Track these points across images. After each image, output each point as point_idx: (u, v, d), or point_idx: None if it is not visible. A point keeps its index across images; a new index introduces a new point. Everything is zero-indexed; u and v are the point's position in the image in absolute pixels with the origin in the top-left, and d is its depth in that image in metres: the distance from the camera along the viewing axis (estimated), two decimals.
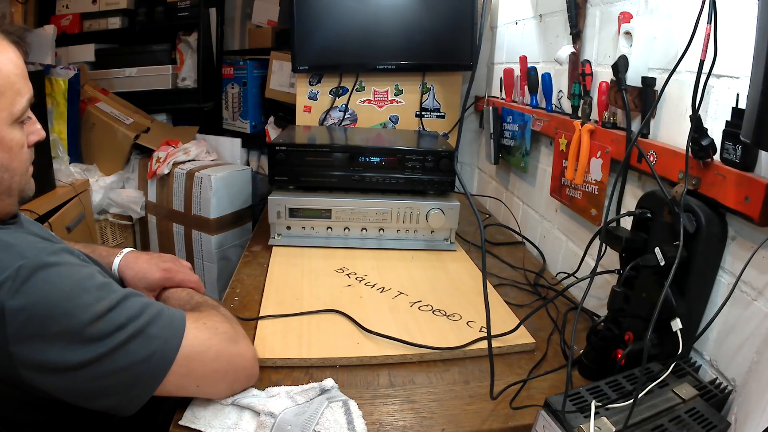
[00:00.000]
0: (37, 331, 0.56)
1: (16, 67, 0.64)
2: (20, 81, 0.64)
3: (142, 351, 0.60)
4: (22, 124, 0.66)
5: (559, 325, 0.97)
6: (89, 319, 0.58)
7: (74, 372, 0.57)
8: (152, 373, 0.61)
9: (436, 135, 1.61)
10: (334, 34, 1.65)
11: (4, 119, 0.63)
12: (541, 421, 0.63)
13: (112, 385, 0.60)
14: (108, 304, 0.60)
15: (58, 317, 0.56)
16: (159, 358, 0.61)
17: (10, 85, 0.63)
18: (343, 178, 1.26)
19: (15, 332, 0.55)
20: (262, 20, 2.24)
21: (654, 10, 0.90)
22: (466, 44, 1.67)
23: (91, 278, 0.61)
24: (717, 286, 0.75)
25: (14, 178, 0.66)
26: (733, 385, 0.70)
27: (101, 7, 2.28)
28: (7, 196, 0.67)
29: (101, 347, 0.58)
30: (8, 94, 0.62)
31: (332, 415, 0.69)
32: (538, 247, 1.36)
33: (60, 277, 0.58)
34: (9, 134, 0.64)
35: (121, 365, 0.59)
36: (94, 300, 0.59)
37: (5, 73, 0.62)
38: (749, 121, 0.56)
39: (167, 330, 0.63)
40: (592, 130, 1.03)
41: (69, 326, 0.57)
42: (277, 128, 2.15)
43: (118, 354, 0.59)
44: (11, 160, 0.65)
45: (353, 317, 0.92)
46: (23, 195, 0.70)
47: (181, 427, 0.68)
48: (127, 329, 0.60)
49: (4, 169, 0.64)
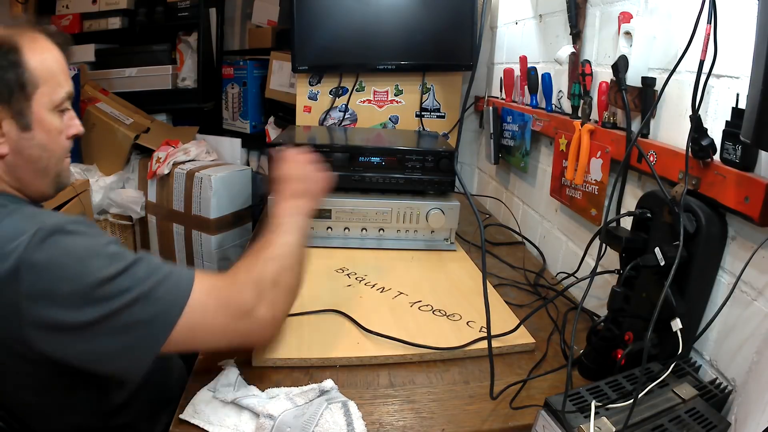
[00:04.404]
0: (48, 289, 0.59)
1: (59, 63, 0.74)
2: (61, 75, 0.74)
3: (146, 312, 0.62)
4: (61, 113, 0.75)
5: (559, 325, 0.97)
6: (98, 281, 0.60)
7: (80, 331, 0.60)
8: (155, 334, 0.63)
9: (436, 135, 1.61)
10: (334, 34, 1.65)
11: (45, 104, 0.72)
12: (541, 421, 0.63)
13: (116, 347, 0.62)
14: (117, 268, 0.62)
15: (69, 278, 0.60)
16: (162, 320, 0.63)
17: (52, 76, 0.72)
18: (343, 178, 1.26)
19: (27, 289, 0.58)
20: (262, 20, 2.24)
21: (654, 10, 0.90)
22: (466, 44, 1.67)
23: (106, 246, 0.65)
24: (717, 286, 0.75)
25: (51, 159, 0.74)
26: (733, 385, 0.70)
27: (101, 7, 2.28)
28: (43, 176, 0.74)
29: (107, 308, 0.60)
30: (50, 84, 0.72)
31: (332, 416, 0.68)
32: (538, 247, 1.36)
33: (74, 242, 0.62)
34: (49, 118, 0.73)
35: (124, 326, 0.61)
36: (104, 265, 0.62)
37: (48, 66, 0.72)
38: (749, 121, 0.56)
39: (172, 293, 0.65)
40: (592, 130, 1.03)
41: (78, 287, 0.60)
42: (277, 128, 2.15)
43: (122, 315, 0.61)
44: (50, 142, 0.73)
45: (353, 317, 0.92)
46: (58, 181, 0.77)
47: (182, 423, 0.68)
48: (133, 292, 0.62)
49: (43, 149, 0.73)
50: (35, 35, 0.73)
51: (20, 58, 0.69)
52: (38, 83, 0.71)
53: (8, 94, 0.68)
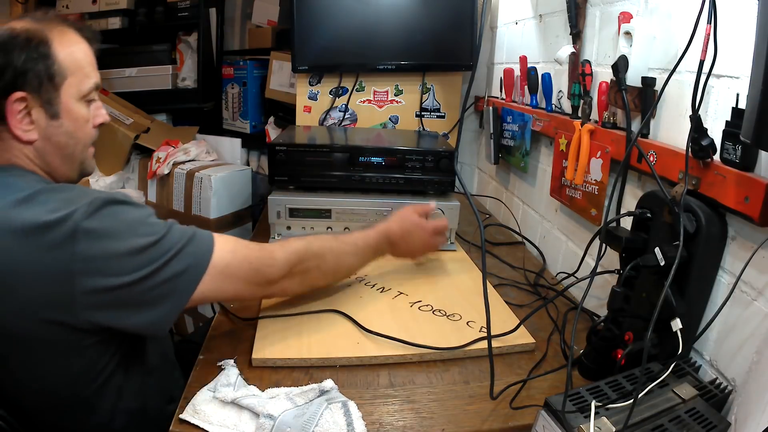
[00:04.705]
0: (101, 253, 0.66)
1: (86, 55, 0.79)
2: (88, 67, 0.79)
3: (180, 264, 0.71)
4: (88, 103, 0.80)
5: (559, 325, 0.97)
6: (144, 246, 0.68)
7: (126, 288, 0.67)
8: (188, 282, 0.72)
9: (436, 135, 1.61)
10: (334, 34, 1.65)
11: (73, 94, 0.77)
12: (541, 421, 0.63)
13: (155, 299, 0.70)
14: (159, 235, 0.71)
15: (120, 242, 0.67)
16: (193, 270, 0.72)
17: (80, 68, 0.77)
18: (343, 178, 1.26)
19: (82, 252, 0.64)
20: (262, 20, 2.24)
21: (654, 10, 0.90)
22: (466, 44, 1.67)
23: (149, 217, 0.73)
24: (717, 286, 0.75)
25: (77, 146, 0.80)
26: (733, 385, 0.70)
27: (101, 7, 2.27)
28: (69, 163, 0.80)
29: (150, 268, 0.68)
30: (78, 75, 0.77)
31: (332, 416, 0.69)
32: (538, 247, 1.36)
33: (125, 212, 0.70)
34: (76, 107, 0.78)
35: (163, 280, 0.70)
36: (148, 232, 0.70)
37: (76, 58, 0.77)
38: (749, 121, 0.56)
39: (200, 248, 0.74)
40: (592, 130, 1.03)
41: (128, 251, 0.67)
42: (277, 128, 2.14)
43: (161, 271, 0.69)
44: (76, 130, 0.79)
45: (353, 317, 0.92)
46: (83, 167, 0.83)
47: (182, 422, 0.68)
48: (170, 252, 0.71)
49: (70, 136, 0.78)
50: (64, 29, 0.77)
51: (50, 51, 0.73)
52: (66, 74, 0.75)
53: (38, 84, 0.73)
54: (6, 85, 0.71)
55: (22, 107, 0.72)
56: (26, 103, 0.73)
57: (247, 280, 0.79)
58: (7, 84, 0.71)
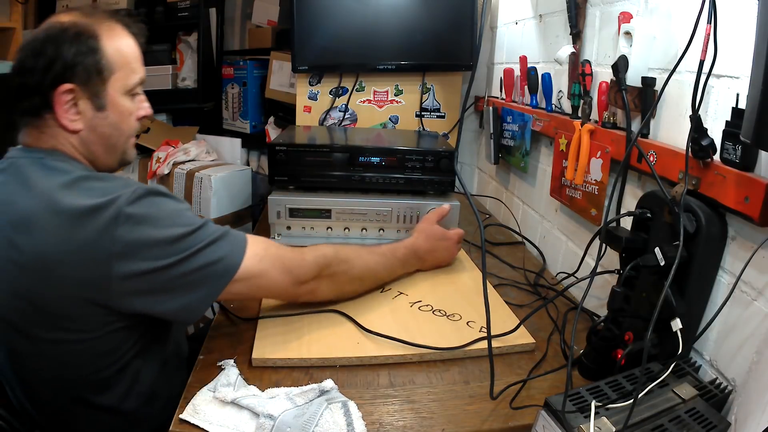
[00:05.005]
0: (138, 237, 0.69)
1: (133, 51, 0.82)
2: (135, 62, 0.82)
3: (214, 255, 0.74)
4: (133, 97, 0.83)
5: (559, 325, 0.97)
6: (180, 234, 0.72)
7: (161, 272, 0.70)
8: (221, 273, 0.75)
9: (436, 135, 1.61)
10: (334, 34, 1.65)
11: (119, 88, 0.80)
12: (541, 421, 0.63)
13: (188, 283, 0.73)
14: (194, 226, 0.74)
15: (158, 229, 0.70)
16: (227, 261, 0.75)
17: (126, 63, 0.80)
18: (343, 178, 1.26)
19: (122, 236, 0.68)
20: (262, 20, 2.24)
21: (654, 10, 0.90)
22: (466, 44, 1.67)
23: (186, 210, 0.76)
24: (717, 286, 0.75)
25: (120, 138, 0.83)
26: (733, 385, 0.70)
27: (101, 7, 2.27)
28: (111, 152, 0.83)
29: (185, 253, 0.71)
30: (125, 70, 0.80)
31: (332, 416, 0.69)
32: (538, 247, 1.36)
33: (165, 202, 0.74)
34: (121, 100, 0.81)
35: (196, 265, 0.73)
36: (185, 222, 0.73)
37: (124, 53, 0.80)
38: (749, 121, 0.56)
39: (234, 244, 0.77)
40: (592, 130, 1.03)
41: (165, 237, 0.70)
42: (277, 128, 2.14)
43: (196, 257, 0.72)
44: (121, 122, 0.82)
45: (353, 317, 0.92)
46: (124, 157, 0.86)
47: (182, 422, 0.68)
48: (205, 241, 0.74)
49: (114, 128, 0.81)
50: (112, 24, 0.80)
51: (99, 45, 0.77)
52: (114, 69, 0.78)
53: (86, 77, 0.76)
54: (56, 76, 0.74)
55: (69, 98, 0.75)
56: (74, 95, 0.76)
57: (278, 278, 0.82)
58: (57, 75, 0.74)
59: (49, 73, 0.74)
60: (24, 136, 0.79)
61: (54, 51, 0.74)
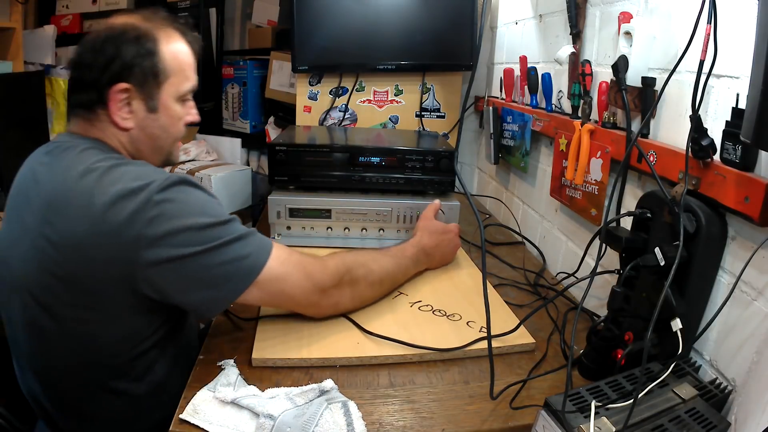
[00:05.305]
0: (168, 222, 0.70)
1: (188, 58, 0.86)
2: (189, 69, 0.86)
3: (242, 251, 0.75)
4: (183, 102, 0.87)
5: (559, 325, 0.97)
6: (209, 224, 0.73)
7: (188, 260, 0.71)
8: (247, 271, 0.75)
9: (436, 135, 1.61)
10: (334, 34, 1.65)
11: (172, 93, 0.83)
12: (541, 421, 0.63)
13: (214, 277, 0.73)
14: (223, 218, 0.75)
15: (187, 217, 0.71)
16: (253, 259, 0.76)
17: (181, 70, 0.84)
18: (343, 178, 1.26)
19: (152, 218, 0.69)
20: (262, 20, 2.24)
21: (654, 10, 0.90)
22: (466, 44, 1.67)
23: (218, 203, 0.78)
24: (717, 286, 0.75)
25: (168, 140, 0.87)
26: (733, 385, 0.70)
27: (101, 7, 2.27)
28: (157, 153, 0.87)
29: (213, 243, 0.72)
30: (179, 76, 0.84)
31: (332, 416, 0.69)
32: (538, 247, 1.36)
33: (195, 192, 0.75)
34: (173, 105, 0.84)
35: (224, 259, 0.73)
36: (214, 214, 0.74)
37: (180, 59, 0.84)
38: (749, 121, 0.56)
39: (260, 245, 0.78)
40: (592, 130, 1.03)
41: (194, 224, 0.71)
42: (277, 128, 2.14)
43: (224, 250, 0.73)
44: (170, 126, 0.85)
45: (353, 317, 0.92)
46: (169, 158, 0.90)
47: (182, 422, 0.68)
48: (234, 235, 0.75)
49: (163, 130, 0.85)
50: (170, 31, 0.83)
51: (157, 50, 0.80)
52: (169, 74, 0.82)
53: (143, 79, 0.79)
54: (113, 74, 0.77)
55: (124, 97, 0.79)
56: (128, 94, 0.79)
57: (300, 284, 0.82)
58: (114, 74, 0.77)
59: (107, 71, 0.77)
60: (73, 126, 0.82)
61: (114, 50, 0.77)
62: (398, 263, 1.02)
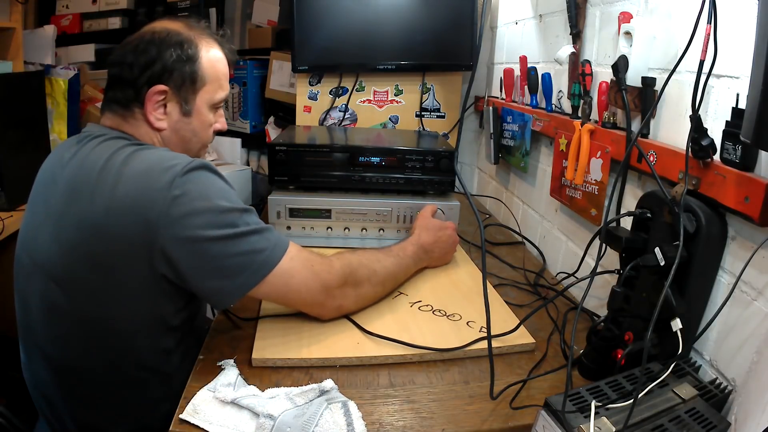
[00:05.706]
0: (188, 202, 0.71)
1: (225, 68, 0.90)
2: (224, 79, 0.90)
3: (259, 243, 0.76)
4: (215, 110, 0.91)
5: (559, 325, 0.97)
6: (228, 208, 0.74)
7: (206, 244, 0.72)
8: (259, 265, 0.76)
9: (436, 135, 1.61)
10: (334, 34, 1.65)
11: (206, 100, 0.87)
12: (541, 421, 0.63)
13: (230, 266, 0.74)
14: (242, 207, 0.77)
15: (207, 200, 0.73)
16: (268, 254, 0.77)
17: (217, 79, 0.88)
18: (343, 178, 1.26)
19: (176, 196, 0.71)
20: (262, 20, 2.24)
21: (654, 10, 0.90)
22: (466, 44, 1.67)
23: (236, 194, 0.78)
24: (717, 286, 0.75)
25: (197, 144, 0.91)
26: (733, 385, 0.70)
27: (101, 7, 2.27)
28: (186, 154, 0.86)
29: (231, 230, 0.74)
30: (215, 84, 0.87)
31: (332, 416, 0.68)
32: (538, 247, 1.36)
33: (215, 178, 0.77)
34: (205, 112, 0.88)
35: (241, 250, 0.75)
36: (234, 200, 0.76)
37: (217, 69, 0.87)
38: (749, 121, 0.56)
39: (276, 243, 0.79)
40: (592, 130, 1.03)
41: (214, 206, 0.73)
42: (277, 128, 2.14)
43: (242, 240, 0.75)
44: (200, 131, 0.89)
45: (353, 318, 0.92)
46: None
47: (182, 422, 0.68)
48: (252, 226, 0.76)
49: (194, 134, 0.89)
50: (210, 41, 0.87)
51: (197, 57, 0.83)
52: (206, 81, 0.85)
53: (180, 83, 0.83)
54: (153, 75, 0.80)
55: (161, 98, 0.82)
56: (165, 96, 0.82)
57: (307, 281, 0.83)
58: (154, 75, 0.80)
59: (146, 72, 0.80)
60: (106, 119, 0.85)
61: (156, 52, 0.80)
62: (400, 263, 1.02)
